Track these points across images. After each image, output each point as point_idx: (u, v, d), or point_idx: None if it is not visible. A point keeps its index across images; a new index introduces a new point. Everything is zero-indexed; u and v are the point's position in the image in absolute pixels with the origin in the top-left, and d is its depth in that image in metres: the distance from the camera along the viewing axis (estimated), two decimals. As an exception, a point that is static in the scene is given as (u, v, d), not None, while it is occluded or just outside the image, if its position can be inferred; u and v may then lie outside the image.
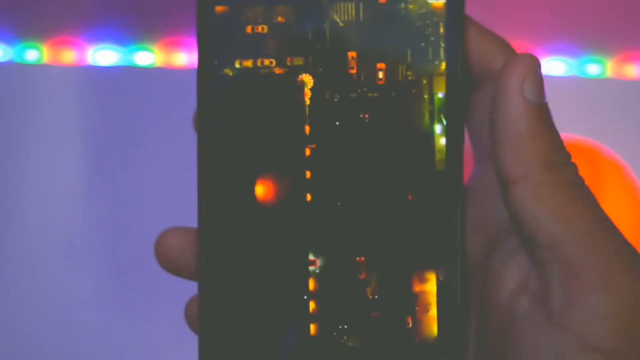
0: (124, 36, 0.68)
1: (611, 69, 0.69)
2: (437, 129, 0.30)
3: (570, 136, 0.57)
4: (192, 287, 0.31)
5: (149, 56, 0.69)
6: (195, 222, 0.31)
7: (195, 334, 0.31)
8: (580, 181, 0.28)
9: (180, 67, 0.69)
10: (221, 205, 0.31)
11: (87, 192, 0.67)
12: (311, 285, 0.30)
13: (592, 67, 0.69)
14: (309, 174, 0.31)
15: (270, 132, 0.30)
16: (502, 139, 0.28)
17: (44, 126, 0.67)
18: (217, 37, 0.30)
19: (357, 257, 0.30)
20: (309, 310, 0.30)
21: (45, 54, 0.68)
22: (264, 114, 0.31)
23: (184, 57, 0.69)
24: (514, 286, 0.28)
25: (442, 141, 0.30)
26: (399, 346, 0.30)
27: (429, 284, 0.30)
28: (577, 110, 0.66)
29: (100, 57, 0.68)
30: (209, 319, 0.30)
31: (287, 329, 0.30)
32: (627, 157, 0.59)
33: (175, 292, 0.38)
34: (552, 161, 0.27)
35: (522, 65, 0.28)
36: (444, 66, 0.30)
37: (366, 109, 0.30)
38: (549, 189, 0.27)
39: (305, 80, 0.30)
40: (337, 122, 0.30)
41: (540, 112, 0.28)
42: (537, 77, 0.28)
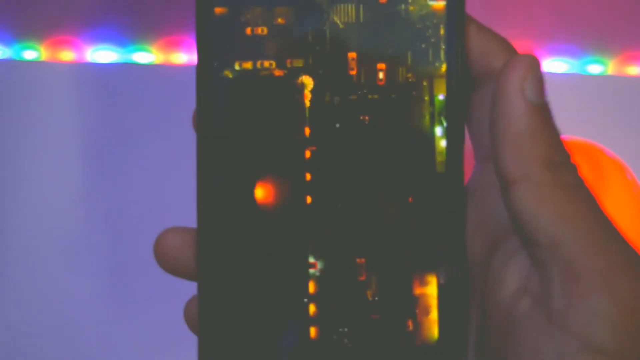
0: (122, 36, 0.68)
1: (613, 69, 0.68)
2: (438, 131, 0.30)
3: (571, 136, 0.57)
4: (191, 287, 0.31)
5: (148, 56, 0.68)
6: (194, 222, 0.31)
7: (194, 335, 0.31)
8: (580, 181, 0.28)
9: (180, 65, 0.68)
10: (221, 206, 0.30)
11: (85, 190, 0.67)
12: (311, 288, 0.30)
13: (594, 67, 0.69)
14: (309, 176, 0.30)
15: (270, 134, 0.30)
16: (502, 139, 0.28)
17: (42, 124, 0.67)
18: (217, 39, 0.30)
19: (358, 259, 0.30)
20: (309, 313, 0.30)
21: (43, 55, 0.68)
22: (264, 116, 0.30)
23: (183, 57, 0.69)
24: (514, 287, 0.28)
25: (443, 143, 0.30)
26: (399, 348, 0.30)
27: (429, 286, 0.30)
28: (578, 109, 0.66)
29: (98, 57, 0.68)
30: (208, 319, 0.30)
31: (287, 332, 0.30)
32: (627, 157, 0.59)
33: (174, 293, 0.38)
34: (553, 161, 0.27)
35: (523, 65, 0.28)
36: (444, 68, 0.30)
37: (366, 111, 0.30)
38: (549, 189, 0.27)
39: (305, 82, 0.30)
40: (337, 124, 0.30)
41: (540, 112, 0.28)
42: (537, 77, 0.28)
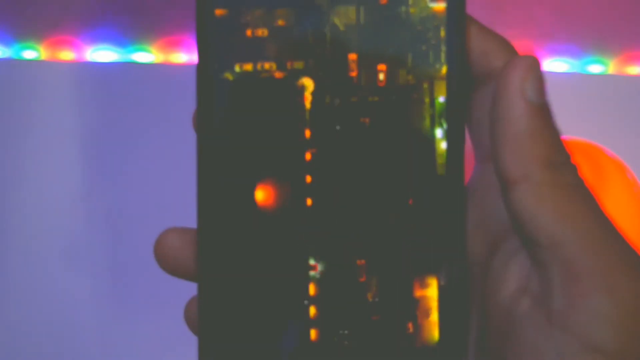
0: (122, 36, 0.68)
1: (613, 68, 0.68)
2: (438, 133, 0.30)
3: (571, 136, 0.57)
4: (191, 287, 0.31)
5: (148, 56, 0.68)
6: (194, 223, 0.31)
7: (194, 335, 0.31)
8: (580, 182, 0.28)
9: (179, 64, 0.68)
10: (221, 209, 0.30)
11: (85, 190, 0.67)
12: (311, 290, 0.30)
13: (594, 67, 0.69)
14: (309, 178, 0.30)
15: (270, 136, 0.30)
16: (502, 139, 0.28)
17: (42, 124, 0.67)
18: (217, 41, 0.30)
19: (358, 261, 0.30)
20: (309, 314, 0.30)
21: (43, 54, 0.68)
22: (264, 118, 0.30)
23: (183, 57, 0.69)
24: (514, 287, 0.28)
25: (443, 145, 0.30)
26: (400, 350, 0.30)
27: (429, 289, 0.30)
28: (578, 109, 0.66)
29: (98, 57, 0.68)
30: (208, 320, 0.30)
31: (288, 333, 0.30)
32: (627, 157, 0.59)
33: (174, 293, 0.38)
34: (553, 162, 0.27)
35: (524, 65, 0.28)
36: (444, 70, 0.30)
37: (367, 113, 0.30)
38: (550, 189, 0.27)
39: (305, 84, 0.30)
40: (338, 127, 0.30)
41: (541, 112, 0.28)
42: (538, 78, 0.28)
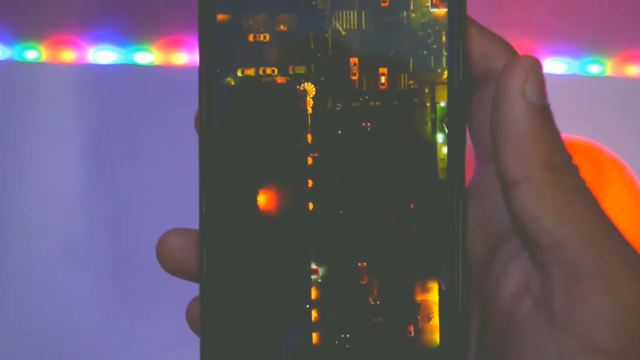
0: (123, 37, 0.68)
1: (611, 69, 0.68)
2: (439, 137, 0.30)
3: (571, 136, 0.57)
4: (193, 288, 0.31)
5: (148, 56, 0.68)
6: (195, 223, 0.31)
7: (196, 336, 0.31)
8: (581, 182, 0.28)
9: (180, 66, 0.68)
10: (223, 213, 0.30)
11: (86, 191, 0.67)
12: (313, 294, 0.30)
13: (593, 67, 0.69)
14: (311, 182, 0.30)
15: (272, 140, 0.30)
16: (503, 140, 0.28)
17: (42, 125, 0.67)
18: (219, 46, 0.30)
19: (359, 264, 0.30)
20: (311, 318, 0.30)
21: (43, 55, 0.68)
22: (266, 122, 0.30)
23: (184, 57, 0.69)
24: (515, 287, 0.28)
25: (444, 150, 0.30)
26: (401, 352, 0.30)
27: (431, 292, 0.30)
28: (578, 109, 0.66)
29: (99, 58, 0.68)
30: (210, 321, 0.30)
31: (289, 337, 0.30)
32: (627, 157, 0.59)
33: (176, 294, 0.38)
34: (554, 163, 0.27)
35: (524, 66, 0.28)
36: (445, 75, 0.30)
37: (368, 118, 0.30)
38: (551, 190, 0.27)
39: (307, 88, 0.30)
40: (339, 131, 0.30)
41: (541, 113, 0.28)
42: (538, 79, 0.28)
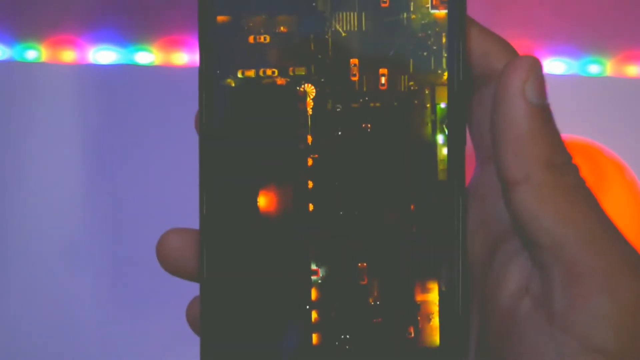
0: (123, 37, 0.68)
1: (610, 69, 0.68)
2: (439, 139, 0.30)
3: (571, 136, 0.57)
4: (193, 288, 0.31)
5: (149, 56, 0.68)
6: (195, 223, 0.31)
7: (196, 335, 0.31)
8: (581, 182, 0.28)
9: (180, 66, 0.68)
10: (223, 215, 0.31)
11: (86, 191, 0.67)
12: (313, 294, 0.30)
13: (593, 67, 0.69)
14: (311, 183, 0.31)
15: (272, 142, 0.30)
16: (503, 140, 0.28)
17: (43, 125, 0.67)
18: (219, 47, 0.30)
19: (359, 264, 0.30)
20: (311, 319, 0.30)
21: (44, 55, 0.68)
22: (267, 124, 0.30)
23: (184, 57, 0.69)
24: (515, 288, 0.28)
25: (445, 151, 0.30)
26: (401, 352, 0.30)
27: (431, 293, 0.30)
28: (578, 109, 0.66)
29: (100, 58, 0.68)
30: (210, 321, 0.30)
31: (289, 338, 0.30)
32: (627, 157, 0.59)
33: (176, 293, 0.38)
34: (554, 163, 0.27)
35: (524, 66, 0.28)
36: (446, 76, 0.30)
37: (368, 119, 0.30)
38: (551, 190, 0.27)
39: (307, 90, 0.30)
40: (340, 132, 0.30)
41: (541, 113, 0.28)
42: (538, 79, 0.28)
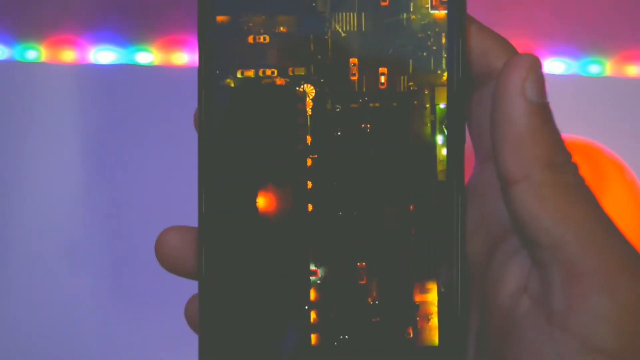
0: (123, 37, 0.68)
1: (610, 69, 0.68)
2: (439, 139, 0.30)
3: (571, 136, 0.57)
4: (192, 286, 0.31)
5: (149, 56, 0.68)
6: (194, 222, 0.31)
7: (195, 334, 0.31)
8: (581, 181, 0.28)
9: (180, 66, 0.68)
10: (223, 216, 0.31)
11: (86, 191, 0.67)
12: (312, 295, 0.30)
13: (593, 68, 0.69)
14: (310, 184, 0.31)
15: (272, 142, 0.30)
16: (503, 139, 0.28)
17: (43, 125, 0.67)
18: (219, 47, 0.30)
19: (358, 264, 0.30)
20: (310, 319, 0.30)
21: (44, 55, 0.68)
22: (266, 124, 0.30)
23: (184, 57, 0.69)
24: (514, 287, 0.28)
25: (444, 152, 0.30)
26: (400, 352, 0.30)
27: (430, 293, 0.30)
28: (577, 109, 0.66)
29: (100, 58, 0.68)
30: (209, 321, 0.30)
31: (288, 338, 0.30)
32: (627, 157, 0.59)
33: (175, 291, 0.38)
34: (553, 161, 0.27)
35: (524, 64, 0.28)
36: (445, 76, 0.30)
37: (367, 120, 0.30)
38: (550, 189, 0.27)
39: (306, 90, 0.30)
40: (339, 133, 0.30)
41: (541, 112, 0.28)
42: (538, 77, 0.28)
